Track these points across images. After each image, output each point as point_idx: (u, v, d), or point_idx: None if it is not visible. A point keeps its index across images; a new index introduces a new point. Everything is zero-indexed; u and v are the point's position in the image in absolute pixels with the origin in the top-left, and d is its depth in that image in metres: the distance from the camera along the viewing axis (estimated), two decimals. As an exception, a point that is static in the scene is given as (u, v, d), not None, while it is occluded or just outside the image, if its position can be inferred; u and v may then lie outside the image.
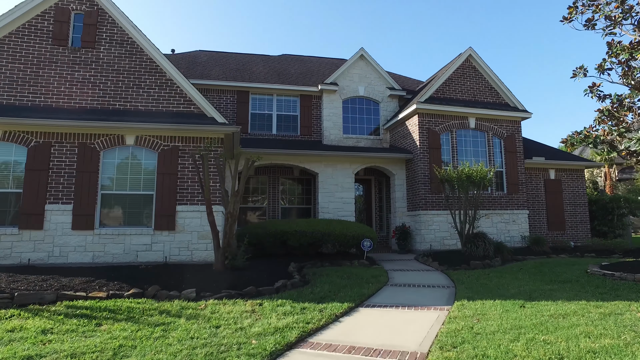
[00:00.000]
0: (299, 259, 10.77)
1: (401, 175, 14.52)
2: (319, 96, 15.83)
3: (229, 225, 8.14)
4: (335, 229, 11.10)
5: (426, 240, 13.01)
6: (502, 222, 13.85)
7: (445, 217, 13.27)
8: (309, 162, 13.80)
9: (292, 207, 15.30)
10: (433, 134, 13.67)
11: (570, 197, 15.37)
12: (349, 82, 15.91)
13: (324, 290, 7.32)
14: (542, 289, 7.34)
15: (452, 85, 14.33)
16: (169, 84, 10.35)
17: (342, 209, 13.79)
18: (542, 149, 16.25)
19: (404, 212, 14.32)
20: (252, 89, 15.36)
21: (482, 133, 14.36)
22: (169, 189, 9.85)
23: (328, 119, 15.48)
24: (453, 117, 13.99)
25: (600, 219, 15.43)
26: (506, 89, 14.63)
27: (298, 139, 15.44)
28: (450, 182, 11.65)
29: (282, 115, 15.66)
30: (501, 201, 13.97)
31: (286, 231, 10.93)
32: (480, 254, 10.95)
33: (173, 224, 9.75)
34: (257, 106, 15.52)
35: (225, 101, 15.18)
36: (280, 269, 9.13)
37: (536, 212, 14.94)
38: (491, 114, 14.20)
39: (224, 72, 16.11)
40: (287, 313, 5.72)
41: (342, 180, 13.93)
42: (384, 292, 7.52)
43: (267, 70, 17.04)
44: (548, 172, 15.30)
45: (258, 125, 15.41)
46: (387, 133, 16.00)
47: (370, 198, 16.06)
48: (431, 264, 10.82)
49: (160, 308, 5.83)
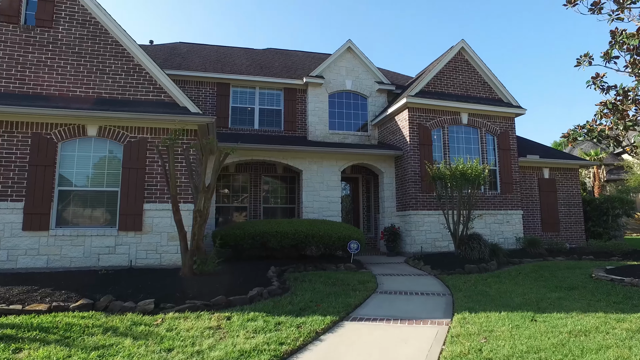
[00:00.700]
0: (281, 263, 9.82)
1: (390, 173, 13.66)
2: (304, 90, 14.90)
3: (198, 225, 7.15)
4: (319, 229, 10.16)
5: (417, 242, 12.16)
6: (496, 222, 13.07)
7: (437, 217, 12.43)
8: (292, 158, 12.85)
9: (275, 207, 14.32)
10: (424, 130, 12.84)
11: (565, 197, 14.68)
12: (336, 76, 15.00)
13: (305, 299, 6.38)
14: (549, 297, 6.51)
15: (443, 79, 13.52)
16: (137, 70, 9.31)
17: (327, 208, 12.86)
18: (536, 147, 15.55)
19: (393, 212, 13.45)
20: (233, 81, 14.35)
21: (474, 129, 13.57)
22: (136, 185, 8.81)
23: (313, 113, 14.55)
24: (445, 112, 13.18)
25: (595, 219, 14.78)
26: (499, 84, 13.88)
27: (281, 134, 14.48)
28: (443, 180, 10.81)
29: (265, 109, 14.68)
30: (494, 201, 13.20)
31: (266, 232, 9.97)
32: (475, 257, 10.12)
33: (140, 224, 8.71)
34: (238, 99, 14.52)
35: (204, 94, 14.15)
36: (258, 274, 8.16)
37: (530, 212, 14.21)
38: (484, 110, 13.42)
39: (203, 63, 15.07)
40: (259, 330, 4.76)
41: (328, 178, 13.02)
42: (373, 301, 6.60)
43: (249, 62, 16.05)
44: (542, 171, 14.59)
45: (239, 119, 14.41)
46: (376, 129, 15.13)
47: (357, 197, 15.17)
48: (423, 268, 9.96)
49: (106, 324, 4.83)
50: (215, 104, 14.14)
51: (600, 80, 8.87)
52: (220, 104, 14.17)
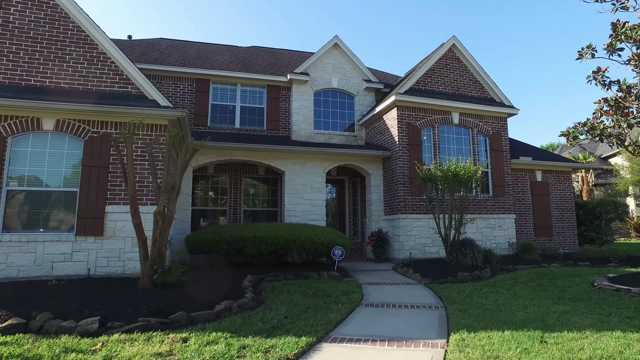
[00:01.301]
0: (259, 271, 8.97)
1: (378, 175, 12.89)
2: (288, 87, 14.08)
3: (160, 229, 6.25)
4: (301, 235, 9.32)
5: (405, 248, 11.38)
6: (488, 227, 12.37)
7: (427, 221, 11.68)
8: (274, 158, 12.01)
9: (256, 210, 13.43)
10: (413, 130, 12.10)
11: (558, 201, 14.07)
12: (322, 73, 14.22)
13: (280, 315, 5.53)
14: (554, 311, 5.75)
15: (434, 76, 12.83)
16: (102, 58, 8.40)
17: (311, 212, 12.03)
18: (528, 149, 14.94)
19: (380, 216, 12.67)
20: (213, 77, 13.48)
21: (466, 130, 12.88)
22: (98, 185, 7.89)
23: (298, 112, 13.74)
24: (435, 112, 12.47)
25: (588, 224, 14.18)
26: (492, 83, 13.23)
27: (264, 133, 13.62)
28: (434, 181, 10.06)
29: (247, 107, 13.82)
30: (486, 204, 12.50)
31: (243, 237, 9.10)
32: (468, 264, 9.36)
33: (101, 228, 7.77)
34: (218, 97, 13.64)
35: (182, 90, 13.25)
36: (231, 284, 7.29)
37: (522, 216, 13.55)
38: (476, 109, 12.75)
39: (183, 59, 14.18)
40: (217, 357, 3.90)
41: (312, 179, 12.19)
42: (357, 317, 5.77)
43: (232, 59, 15.18)
44: (534, 174, 13.97)
45: (219, 117, 13.52)
46: (363, 129, 14.37)
47: (343, 200, 14.36)
48: (412, 276, 9.17)
49: (30, 352, 3.91)
50: (194, 101, 13.24)
51: (602, 75, 8.22)
52: (199, 101, 13.27)
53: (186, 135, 9.25)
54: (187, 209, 11.19)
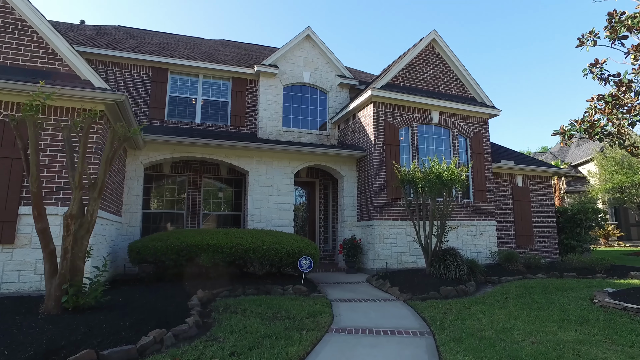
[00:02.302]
0: (215, 284, 7.60)
1: (351, 177, 11.69)
2: (256, 80, 12.75)
3: (73, 237, 4.78)
4: (263, 243, 7.98)
5: (380, 257, 10.19)
6: (469, 235, 11.36)
7: (404, 228, 10.55)
8: (237, 157, 10.63)
9: (218, 214, 11.98)
10: (390, 128, 10.99)
11: (539, 207, 13.25)
12: (292, 66, 12.97)
13: (225, 350, 4.18)
14: (566, 340, 4.63)
15: (412, 72, 11.79)
16: (20, 27, 6.86)
17: (277, 217, 10.69)
18: (508, 153, 14.12)
19: (354, 221, 11.46)
20: (172, 66, 12.00)
21: (446, 130, 11.88)
22: (9, 180, 6.33)
23: (265, 107, 12.41)
24: (414, 110, 11.41)
25: (568, 231, 13.43)
26: (473, 81, 12.31)
27: (228, 130, 12.22)
28: (414, 184, 8.93)
29: (209, 101, 12.39)
30: (467, 210, 11.50)
31: (195, 245, 7.69)
32: (452, 276, 8.25)
33: (12, 235, 6.21)
34: (177, 88, 12.16)
35: (136, 79, 11.70)
36: (175, 304, 5.90)
37: (503, 223, 12.64)
38: (457, 108, 11.77)
39: (139, 46, 12.62)
40: None
41: (279, 181, 10.87)
42: (325, 350, 4.48)
43: (195, 49, 13.72)
44: (515, 179, 13.11)
45: (178, 111, 12.04)
46: (336, 128, 13.18)
47: (314, 205, 13.09)
48: (389, 290, 7.97)
49: None
50: (150, 91, 11.72)
51: (601, 67, 7.32)
52: (155, 93, 11.75)
53: (129, 124, 7.77)
54: (136, 211, 9.66)
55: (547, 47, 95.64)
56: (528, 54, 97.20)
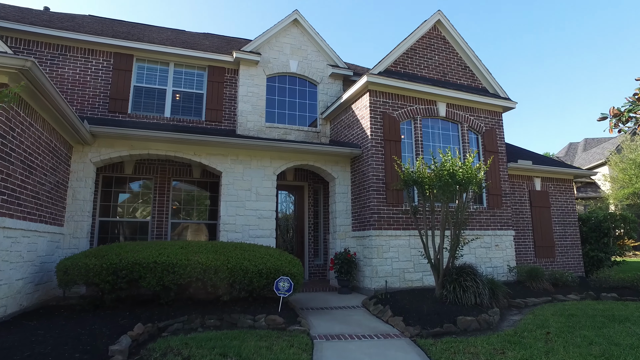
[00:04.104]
0: (167, 312, 5.80)
1: (344, 179, 9.88)
2: (236, 70, 10.99)
3: None
4: (229, 259, 6.14)
5: (379, 275, 8.34)
6: (483, 246, 9.52)
7: (407, 239, 8.72)
8: (208, 155, 8.83)
9: (189, 223, 10.13)
10: (390, 121, 9.21)
11: (559, 214, 11.44)
12: (277, 54, 11.23)
13: None
14: None
15: (415, 58, 10.04)
16: None
17: (256, 226, 8.86)
18: (523, 153, 12.34)
19: (347, 232, 9.63)
20: (138, 52, 10.23)
21: (454, 125, 10.11)
22: None
23: (245, 100, 10.64)
24: (417, 101, 9.64)
25: (593, 242, 11.59)
26: (484, 69, 10.57)
27: (202, 125, 10.43)
28: (420, 185, 7.12)
29: (182, 92, 10.61)
30: (480, 218, 9.68)
31: (138, 263, 5.85)
32: (470, 302, 6.41)
33: None
34: (144, 78, 10.38)
35: (95, 66, 9.92)
36: (91, 348, 4.06)
37: (520, 233, 10.82)
38: (467, 99, 10.00)
39: (102, 30, 10.86)
40: None
41: (258, 183, 9.05)
42: None
43: (171, 39, 11.96)
44: (533, 182, 11.31)
45: (144, 104, 10.25)
46: (327, 124, 11.39)
47: (302, 212, 11.24)
48: (391, 320, 6.12)
49: None
50: (111, 80, 9.93)
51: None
52: (117, 82, 9.97)
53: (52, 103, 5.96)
54: (83, 219, 7.82)
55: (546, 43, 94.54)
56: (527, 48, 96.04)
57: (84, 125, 7.26)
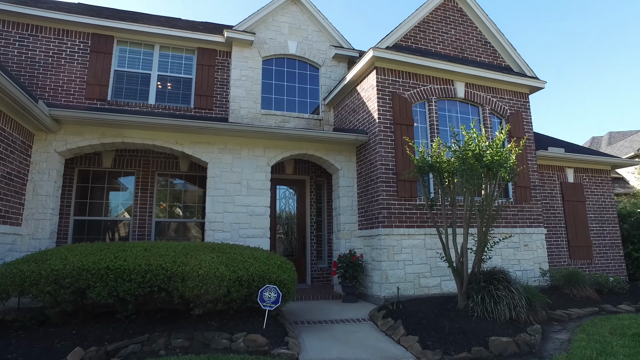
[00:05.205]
0: (126, 329, 4.62)
1: (349, 170, 8.58)
2: (228, 52, 9.80)
3: None
4: (201, 264, 4.90)
5: (390, 280, 7.01)
6: (509, 247, 8.11)
7: (423, 239, 7.37)
8: (192, 143, 7.63)
9: (176, 222, 8.95)
10: (401, 102, 7.88)
11: (596, 210, 9.94)
12: (274, 34, 9.99)
13: None
14: None
15: (428, 32, 8.70)
16: None
17: (247, 224, 7.61)
18: (553, 141, 10.87)
19: (353, 230, 8.32)
20: (118, 32, 9.11)
21: (474, 108, 8.73)
22: None
23: (238, 84, 9.42)
24: (432, 80, 8.30)
25: (637, 241, 10.06)
26: (508, 45, 9.18)
27: (190, 113, 9.25)
28: (439, 172, 5.79)
29: (167, 77, 9.45)
30: (506, 214, 8.27)
31: (87, 269, 4.64)
32: (505, 316, 5.04)
33: None
34: (126, 61, 9.25)
35: (70, 48, 8.82)
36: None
37: (552, 230, 9.36)
38: (488, 77, 8.61)
39: (79, 10, 9.76)
40: None
41: (250, 175, 7.81)
42: None
43: (156, 20, 10.83)
44: (565, 173, 9.85)
45: (127, 90, 9.11)
46: (331, 111, 10.11)
47: (303, 209, 9.95)
48: (403, 340, 4.79)
49: None
50: (88, 65, 8.82)
51: None
52: (95, 66, 8.85)
53: None
54: (45, 218, 6.69)
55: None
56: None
57: (39, 107, 6.10)
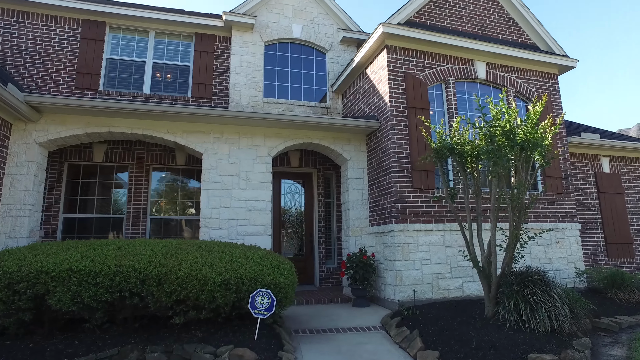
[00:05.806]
0: (94, 340, 3.91)
1: (359, 160, 7.75)
2: (228, 38, 9.08)
3: None
4: (180, 265, 4.15)
5: (405, 282, 6.16)
6: (540, 244, 7.16)
7: (442, 235, 6.50)
8: (184, 132, 6.91)
9: (172, 219, 8.26)
10: (415, 84, 7.02)
11: (636, 203, 8.89)
12: (277, 17, 9.24)
13: None
14: None
15: (444, 7, 7.82)
16: None
17: (246, 221, 6.86)
18: (586, 128, 9.83)
19: (364, 227, 7.49)
20: (111, 17, 8.48)
21: (497, 90, 7.80)
22: None
23: (239, 71, 8.70)
24: (449, 59, 7.41)
25: (681, 238, 8.95)
26: (534, 20, 8.22)
27: (188, 102, 8.55)
28: (461, 156, 4.92)
29: (163, 65, 8.77)
30: (535, 207, 7.33)
31: (46, 271, 3.93)
32: (543, 327, 4.15)
33: None
34: (119, 49, 8.61)
35: (59, 36, 8.22)
36: None
37: (586, 226, 8.36)
38: (513, 56, 7.68)
39: (76, 0, 9.18)
40: None
41: (249, 167, 7.06)
42: None
43: (150, 8, 10.17)
44: (599, 162, 8.83)
45: (120, 79, 8.47)
46: (339, 98, 9.30)
47: (311, 205, 9.16)
48: (420, 356, 3.95)
49: None
50: (78, 52, 8.21)
51: None
52: (86, 54, 8.23)
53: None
54: (24, 215, 6.06)
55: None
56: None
57: (8, 90, 5.45)
